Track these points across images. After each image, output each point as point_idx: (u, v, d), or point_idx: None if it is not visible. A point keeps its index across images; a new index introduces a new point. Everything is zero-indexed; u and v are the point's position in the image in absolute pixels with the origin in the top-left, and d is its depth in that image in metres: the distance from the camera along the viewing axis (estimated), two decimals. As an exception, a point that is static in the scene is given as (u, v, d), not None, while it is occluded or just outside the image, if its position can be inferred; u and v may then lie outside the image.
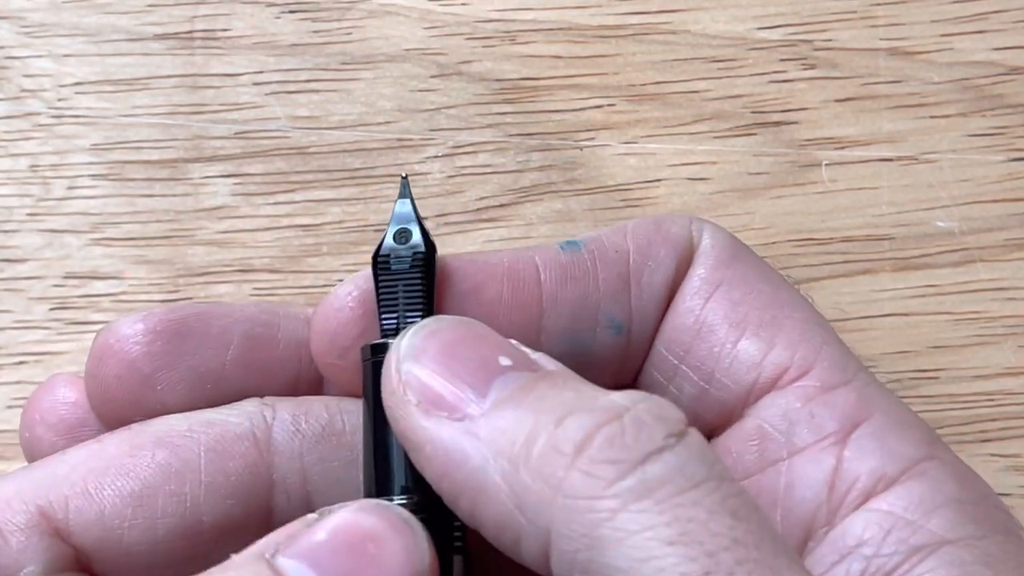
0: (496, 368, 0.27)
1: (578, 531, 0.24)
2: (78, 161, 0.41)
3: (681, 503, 0.24)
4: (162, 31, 0.41)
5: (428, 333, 0.27)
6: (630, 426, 0.25)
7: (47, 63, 0.41)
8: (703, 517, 0.24)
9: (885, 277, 0.40)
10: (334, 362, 0.29)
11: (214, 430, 0.29)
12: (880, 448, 0.29)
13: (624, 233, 0.31)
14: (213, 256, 0.40)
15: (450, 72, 0.41)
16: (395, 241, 0.30)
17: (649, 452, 0.25)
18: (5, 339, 0.40)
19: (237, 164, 0.41)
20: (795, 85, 0.41)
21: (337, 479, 0.29)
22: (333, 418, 0.30)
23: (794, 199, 0.41)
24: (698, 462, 0.25)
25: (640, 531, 0.24)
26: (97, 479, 0.29)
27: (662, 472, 0.24)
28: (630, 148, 0.41)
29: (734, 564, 0.23)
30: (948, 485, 0.28)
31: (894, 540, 0.28)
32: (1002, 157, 0.41)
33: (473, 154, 0.41)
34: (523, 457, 0.25)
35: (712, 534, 0.24)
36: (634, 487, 0.24)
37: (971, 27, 0.41)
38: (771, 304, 0.30)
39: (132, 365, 0.30)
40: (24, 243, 0.41)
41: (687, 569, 0.23)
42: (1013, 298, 0.40)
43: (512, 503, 0.25)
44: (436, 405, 0.26)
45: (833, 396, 0.29)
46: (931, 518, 0.28)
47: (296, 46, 0.41)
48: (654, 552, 0.23)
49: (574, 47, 0.41)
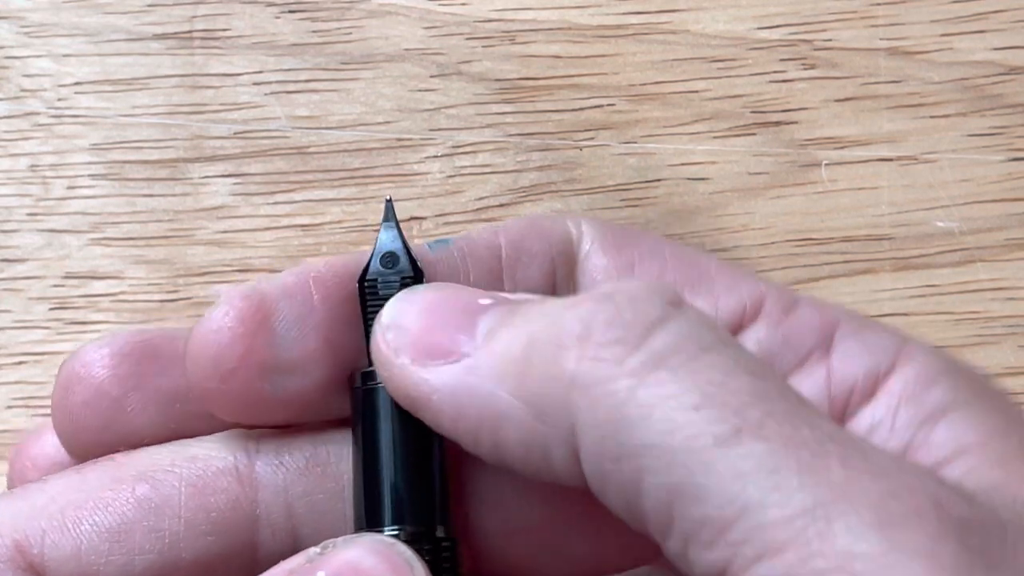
0: (478, 308, 0.26)
1: (601, 417, 0.24)
2: (78, 161, 0.41)
3: (697, 368, 0.24)
4: (162, 31, 0.41)
5: (404, 297, 0.27)
6: (625, 305, 0.25)
7: (47, 63, 0.41)
8: (721, 378, 0.23)
9: (885, 277, 0.40)
10: (216, 387, 0.28)
11: (196, 465, 0.28)
12: (863, 348, 0.29)
13: (496, 231, 0.30)
14: (213, 256, 0.40)
15: (450, 72, 0.41)
16: (382, 266, 0.29)
17: (652, 323, 0.24)
18: (4, 339, 0.40)
19: (237, 164, 0.41)
20: (795, 85, 0.41)
21: (323, 511, 0.29)
22: (317, 449, 0.29)
23: (794, 199, 0.41)
24: (703, 327, 0.25)
25: (662, 402, 0.23)
26: (75, 512, 0.28)
27: (670, 341, 0.24)
28: (630, 148, 0.41)
29: (763, 416, 0.23)
30: (933, 359, 0.28)
31: (903, 417, 0.28)
32: (1002, 157, 0.41)
33: (473, 154, 0.41)
34: (529, 366, 0.25)
35: (734, 392, 0.23)
36: (646, 360, 0.24)
37: (971, 27, 0.41)
38: (687, 263, 0.30)
39: (99, 389, 0.29)
40: (24, 243, 0.41)
41: (718, 430, 0.23)
42: (1013, 298, 0.40)
43: (530, 416, 0.25)
44: (431, 355, 0.26)
45: (796, 317, 0.29)
46: (931, 391, 0.28)
47: (296, 46, 0.41)
48: (680, 420, 0.23)
49: (574, 47, 0.41)
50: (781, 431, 0.23)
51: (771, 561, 0.22)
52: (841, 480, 0.22)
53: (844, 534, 0.22)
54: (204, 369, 0.28)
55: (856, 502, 0.22)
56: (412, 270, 0.29)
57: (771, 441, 0.23)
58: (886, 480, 0.22)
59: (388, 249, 0.29)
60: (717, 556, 0.23)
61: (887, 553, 0.21)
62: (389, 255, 0.29)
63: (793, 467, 0.22)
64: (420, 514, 0.27)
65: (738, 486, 0.22)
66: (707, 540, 0.23)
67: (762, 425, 0.23)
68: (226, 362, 0.28)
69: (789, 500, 0.22)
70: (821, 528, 0.22)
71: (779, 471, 0.22)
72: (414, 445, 0.28)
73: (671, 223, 0.41)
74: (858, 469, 0.22)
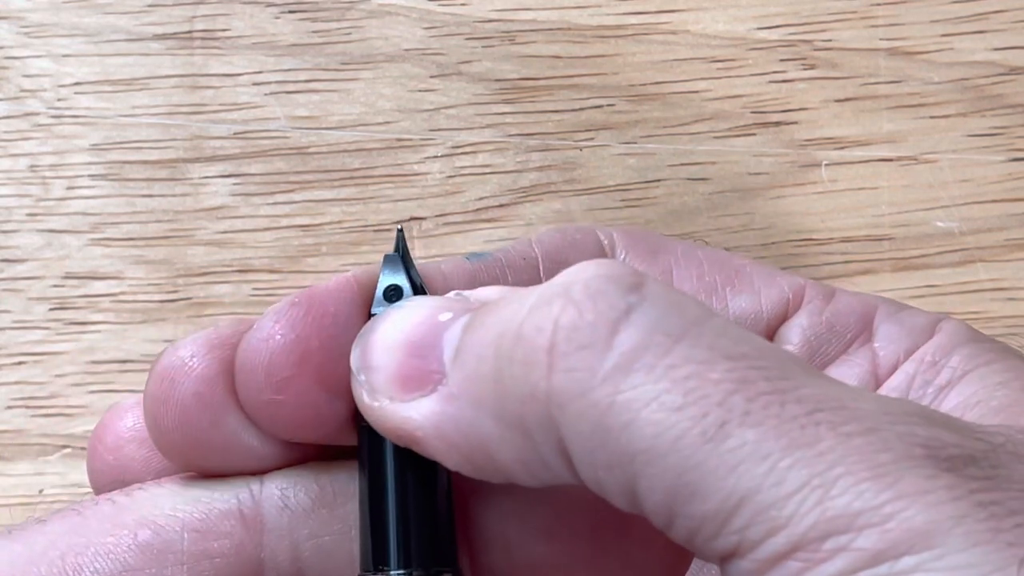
0: (440, 326, 0.26)
1: (585, 430, 0.23)
2: (77, 161, 0.41)
3: (672, 363, 0.23)
4: (161, 31, 0.41)
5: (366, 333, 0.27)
6: (585, 302, 0.24)
7: (46, 63, 0.41)
8: (699, 370, 0.23)
9: (885, 277, 0.40)
10: (270, 399, 0.27)
11: (199, 508, 0.28)
12: (902, 329, 0.29)
13: (529, 243, 0.30)
14: (213, 256, 0.40)
15: (450, 72, 0.41)
16: (385, 298, 0.28)
17: (616, 320, 0.24)
18: (4, 339, 0.40)
19: (236, 164, 0.41)
20: (795, 85, 0.41)
21: (329, 553, 0.28)
22: (323, 489, 0.28)
23: (794, 199, 0.41)
24: (671, 312, 0.24)
25: (642, 408, 0.23)
26: (76, 558, 0.27)
27: (639, 337, 0.23)
28: (630, 148, 0.41)
29: (747, 403, 0.23)
30: (962, 329, 0.29)
31: (920, 382, 0.28)
32: (1002, 157, 0.41)
33: (472, 154, 0.41)
34: (503, 386, 0.24)
35: (715, 383, 0.23)
36: (619, 363, 0.23)
37: (971, 27, 0.41)
38: (723, 264, 0.30)
39: (213, 380, 0.28)
40: (23, 243, 0.41)
41: (704, 426, 0.23)
42: (1013, 298, 0.40)
43: (519, 436, 0.24)
44: (406, 388, 0.26)
45: (837, 304, 0.30)
46: (951, 357, 0.28)
47: (296, 46, 0.41)
48: (664, 423, 0.23)
49: (574, 47, 0.41)
50: (768, 413, 0.23)
51: (776, 537, 0.22)
52: (833, 446, 0.22)
53: (842, 496, 0.22)
54: (256, 379, 0.27)
55: (850, 463, 0.22)
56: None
57: (758, 427, 0.23)
58: (876, 435, 0.23)
59: (391, 282, 0.28)
60: (723, 543, 0.23)
61: (886, 503, 0.22)
62: (392, 288, 0.28)
63: (784, 447, 0.22)
64: (427, 556, 0.27)
65: (732, 479, 0.22)
66: (711, 533, 0.23)
67: (748, 412, 0.23)
68: (280, 370, 0.27)
69: (785, 479, 0.22)
70: (820, 496, 0.22)
71: (770, 455, 0.22)
72: (420, 485, 0.27)
73: (671, 223, 0.41)
74: (848, 431, 0.23)
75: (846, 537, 0.22)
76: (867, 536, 0.22)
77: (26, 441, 0.40)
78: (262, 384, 0.27)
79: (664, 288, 0.25)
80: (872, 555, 0.22)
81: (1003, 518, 0.22)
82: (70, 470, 0.40)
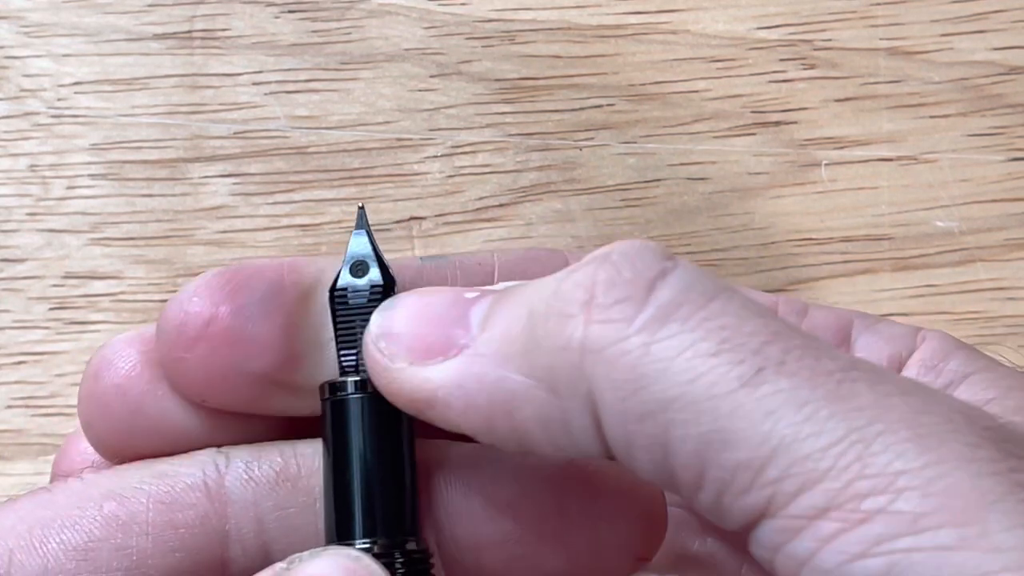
0: (467, 301, 0.26)
1: (619, 378, 0.23)
2: (77, 161, 0.41)
3: (707, 316, 0.23)
4: (161, 31, 0.41)
5: (389, 305, 0.27)
6: (622, 263, 0.24)
7: (46, 63, 0.41)
8: (734, 322, 0.23)
9: (885, 277, 0.40)
10: (181, 357, 0.28)
11: (164, 481, 0.28)
12: (881, 339, 0.29)
13: (491, 253, 0.30)
14: (212, 256, 0.40)
15: (450, 72, 0.41)
16: (352, 275, 0.28)
17: (654, 278, 0.24)
18: (4, 339, 0.40)
19: (236, 164, 0.41)
20: (795, 85, 0.41)
21: (294, 526, 0.28)
22: (288, 462, 0.28)
23: (794, 199, 0.41)
24: (704, 275, 0.24)
25: (679, 354, 0.23)
26: (42, 530, 0.28)
27: (675, 293, 0.24)
28: (629, 148, 0.41)
29: (782, 353, 0.23)
30: (949, 338, 0.29)
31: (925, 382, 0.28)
32: (1002, 157, 0.41)
33: (472, 154, 0.41)
34: (533, 342, 0.24)
35: (749, 334, 0.23)
36: (656, 315, 0.23)
37: (971, 27, 0.41)
38: None
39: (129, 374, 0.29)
40: (23, 243, 0.41)
41: (740, 372, 0.23)
42: (1013, 298, 0.40)
43: (544, 391, 0.24)
44: (429, 353, 0.26)
45: (811, 319, 0.29)
46: (949, 362, 0.28)
47: (295, 46, 0.41)
48: (701, 368, 0.23)
49: (574, 47, 0.41)
50: (803, 364, 0.23)
51: (812, 491, 0.22)
52: (871, 403, 0.22)
53: (882, 454, 0.21)
54: (170, 338, 0.28)
55: (890, 422, 0.22)
56: (383, 278, 0.28)
57: (795, 376, 0.22)
58: (915, 397, 0.22)
59: (358, 257, 0.28)
60: (755, 498, 0.22)
61: (927, 466, 0.21)
62: (359, 264, 0.28)
63: (822, 397, 0.22)
64: (392, 527, 0.27)
65: (768, 425, 0.22)
66: (743, 485, 0.23)
67: (783, 362, 0.23)
68: (191, 330, 0.28)
69: (822, 430, 0.22)
70: (859, 451, 0.22)
71: (808, 403, 0.22)
72: (385, 457, 0.27)
73: (671, 223, 0.41)
74: (886, 391, 0.22)
75: (885, 498, 0.21)
76: (907, 499, 0.21)
77: (26, 441, 0.40)
78: (174, 341, 0.28)
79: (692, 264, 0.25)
80: (912, 519, 0.21)
81: None
82: (70, 470, 0.40)
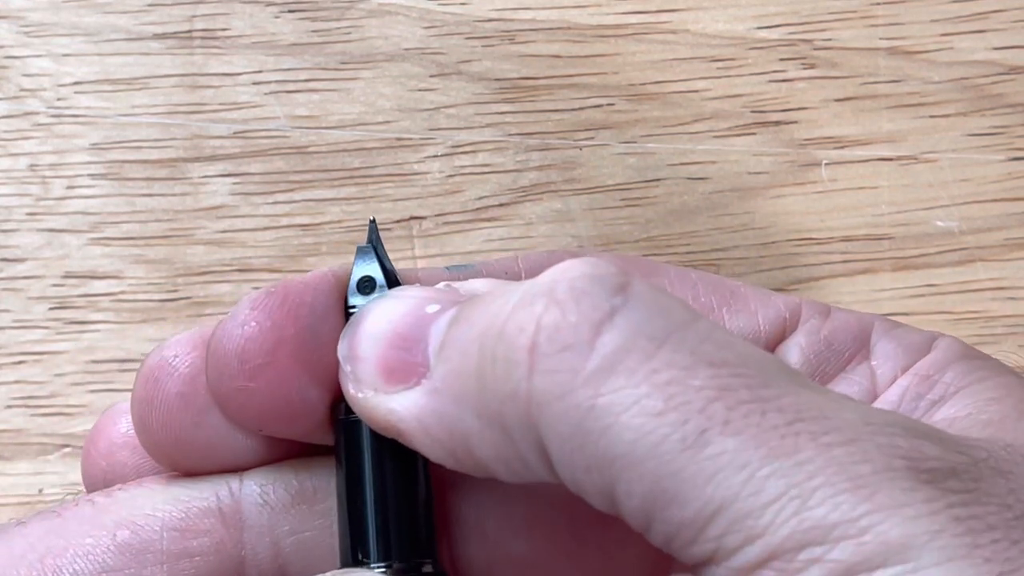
0: (426, 318, 0.26)
1: (565, 432, 0.23)
2: (77, 160, 0.41)
3: (654, 368, 0.23)
4: (161, 31, 0.41)
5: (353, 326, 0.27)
6: (568, 302, 0.24)
7: (46, 63, 0.41)
8: (681, 375, 0.23)
9: (885, 277, 0.40)
10: (242, 386, 0.27)
11: (178, 507, 0.28)
12: (899, 347, 0.29)
13: (515, 258, 0.30)
14: (212, 255, 0.40)
15: (450, 72, 0.41)
16: (359, 290, 0.28)
17: (600, 321, 0.23)
18: (4, 339, 0.40)
19: (236, 164, 0.41)
20: (795, 85, 0.41)
21: (310, 549, 0.28)
22: (303, 485, 0.28)
23: (794, 199, 0.41)
24: (655, 315, 0.24)
25: (622, 412, 0.23)
26: (55, 560, 0.27)
27: (621, 340, 0.23)
28: (629, 148, 0.41)
29: (728, 412, 0.23)
30: (957, 346, 0.29)
31: (912, 395, 0.28)
32: (1002, 157, 0.41)
33: (472, 153, 0.41)
34: (484, 383, 0.24)
35: (696, 390, 0.23)
36: (601, 365, 0.23)
37: (971, 27, 0.41)
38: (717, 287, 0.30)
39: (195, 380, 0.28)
40: (23, 242, 0.41)
41: (683, 433, 0.22)
42: (1013, 298, 0.40)
43: (499, 434, 0.24)
44: (391, 380, 0.26)
45: (833, 322, 0.29)
46: (946, 372, 0.28)
47: (295, 45, 0.41)
48: (644, 429, 0.23)
49: (573, 47, 0.41)
50: (748, 423, 0.23)
51: (752, 545, 0.22)
52: (811, 457, 0.22)
53: (819, 507, 0.22)
54: (229, 366, 0.27)
55: (829, 475, 0.22)
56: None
57: (738, 435, 0.22)
58: (856, 445, 0.22)
59: (365, 273, 0.28)
60: (700, 550, 0.23)
61: (862, 516, 0.22)
62: (367, 279, 0.28)
63: (763, 457, 0.22)
64: (407, 549, 0.27)
65: (710, 488, 0.22)
66: (687, 539, 0.23)
67: (727, 420, 0.23)
68: (255, 356, 0.27)
69: (763, 488, 0.22)
70: (797, 506, 0.22)
71: (749, 464, 0.22)
72: (399, 478, 0.27)
73: (671, 223, 0.41)
74: (828, 442, 0.22)
75: (821, 549, 0.22)
76: (842, 548, 0.22)
77: (26, 440, 0.40)
78: (234, 371, 0.27)
79: (649, 290, 0.24)
80: (846, 567, 0.22)
81: (981, 533, 0.22)
82: (70, 469, 0.40)
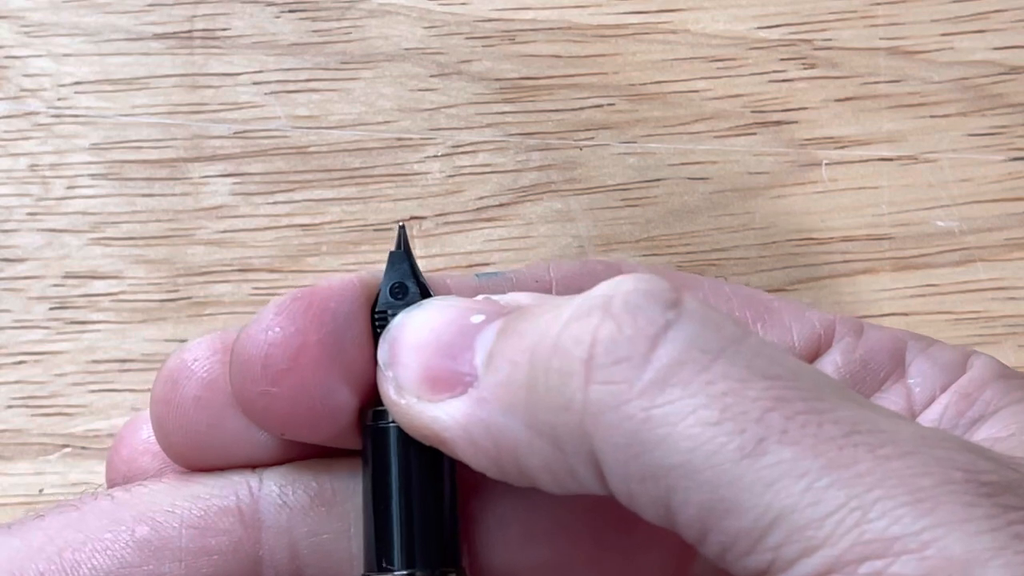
0: (472, 328, 0.26)
1: (620, 442, 0.23)
2: (77, 161, 0.41)
3: (709, 379, 0.23)
4: (162, 31, 0.41)
5: (395, 332, 0.27)
6: (624, 316, 0.24)
7: (46, 63, 0.41)
8: (736, 387, 0.23)
9: (885, 277, 0.40)
10: (265, 391, 0.27)
11: (197, 505, 0.28)
12: (935, 366, 0.29)
13: (546, 267, 0.30)
14: (213, 255, 0.40)
15: (450, 72, 0.41)
16: (391, 295, 0.28)
17: (655, 335, 0.24)
18: (4, 338, 0.40)
19: (237, 164, 0.41)
20: (795, 85, 0.41)
21: (328, 551, 0.28)
22: (323, 487, 0.28)
23: (794, 199, 0.41)
24: (709, 330, 0.24)
25: (679, 422, 0.23)
26: (73, 554, 0.27)
27: (676, 352, 0.23)
28: (630, 148, 0.41)
29: (785, 420, 0.23)
30: (994, 364, 0.29)
31: (952, 414, 0.28)
32: (1002, 157, 0.41)
33: (473, 153, 0.41)
34: (536, 394, 0.24)
35: (752, 400, 0.23)
36: (656, 378, 0.23)
37: (971, 27, 0.41)
38: (750, 300, 0.30)
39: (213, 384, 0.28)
40: (23, 242, 0.41)
41: (741, 442, 0.22)
42: (1013, 298, 0.40)
43: (548, 444, 0.24)
44: (435, 389, 0.26)
45: (868, 340, 0.29)
46: (984, 391, 0.28)
47: (296, 45, 0.41)
48: (701, 437, 0.23)
49: (574, 46, 0.41)
50: (806, 432, 0.23)
51: (811, 558, 0.22)
52: (870, 469, 0.22)
53: (879, 519, 0.22)
54: (252, 370, 0.27)
55: (888, 487, 0.22)
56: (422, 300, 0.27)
57: (797, 445, 0.22)
58: (914, 458, 0.22)
59: (397, 279, 0.28)
60: (757, 561, 0.23)
61: (924, 530, 0.21)
62: (399, 285, 0.28)
63: (823, 466, 0.22)
64: (432, 556, 0.27)
65: (769, 496, 0.22)
66: (744, 549, 0.23)
67: (785, 430, 0.23)
68: (279, 362, 0.27)
69: (822, 499, 0.22)
70: (857, 518, 0.22)
71: (808, 474, 0.22)
72: (427, 487, 0.27)
73: (671, 223, 0.41)
74: (886, 454, 0.22)
75: (882, 562, 0.21)
76: (904, 562, 0.21)
77: (26, 441, 0.40)
78: (258, 375, 0.27)
79: (701, 306, 0.24)
80: None
81: None
82: (70, 469, 0.40)
